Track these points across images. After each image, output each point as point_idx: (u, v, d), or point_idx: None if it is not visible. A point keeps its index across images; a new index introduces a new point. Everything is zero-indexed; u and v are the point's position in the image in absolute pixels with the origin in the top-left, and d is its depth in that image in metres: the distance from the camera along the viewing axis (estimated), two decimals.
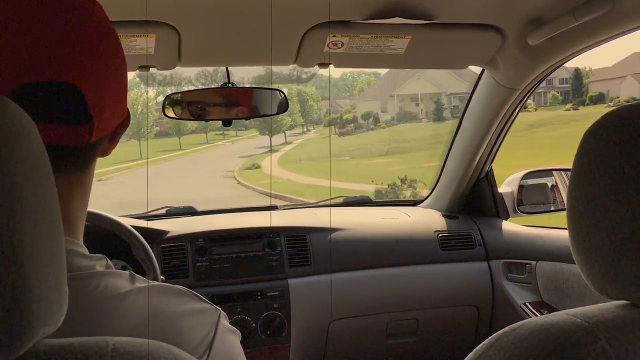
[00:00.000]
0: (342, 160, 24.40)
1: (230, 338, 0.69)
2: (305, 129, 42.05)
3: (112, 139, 0.70)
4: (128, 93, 0.70)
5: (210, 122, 1.86)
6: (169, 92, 1.66)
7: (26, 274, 0.43)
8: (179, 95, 1.72)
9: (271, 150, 33.53)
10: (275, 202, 2.42)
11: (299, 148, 33.88)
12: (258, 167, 25.26)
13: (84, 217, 0.69)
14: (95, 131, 0.62)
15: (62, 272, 0.48)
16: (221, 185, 18.72)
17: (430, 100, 38.82)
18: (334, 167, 21.34)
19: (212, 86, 1.76)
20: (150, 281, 0.67)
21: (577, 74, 38.05)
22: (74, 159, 0.63)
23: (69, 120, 0.60)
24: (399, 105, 39.98)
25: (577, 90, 38.34)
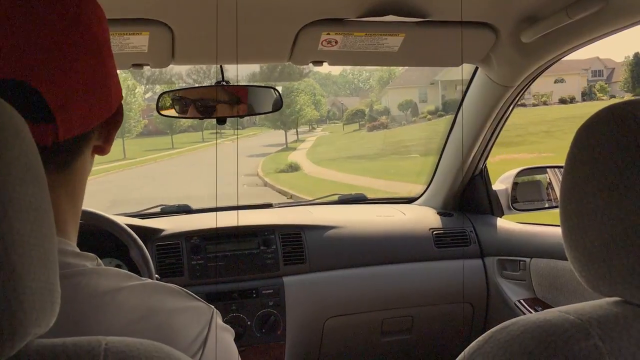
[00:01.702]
0: (411, 158, 20.84)
1: (224, 336, 0.69)
2: (310, 127, 40.25)
3: (106, 137, 0.69)
4: None
5: (205, 120, 1.84)
6: (157, 88, 1.65)
7: (18, 275, 0.43)
8: (173, 93, 1.72)
9: (287, 146, 31.66)
10: None
11: (328, 145, 30.32)
12: (297, 168, 20.39)
13: (76, 217, 0.68)
14: (63, 130, 0.60)
15: (55, 272, 0.48)
16: (256, 196, 13.31)
17: None
18: (410, 166, 18.13)
19: (205, 83, 1.76)
20: (143, 278, 0.67)
21: (639, 61, 35.11)
22: (51, 159, 0.61)
23: (27, 119, 0.56)
24: (442, 93, 35.01)
25: (639, 79, 34.72)
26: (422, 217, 2.28)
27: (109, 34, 0.69)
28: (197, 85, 1.80)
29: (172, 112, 1.72)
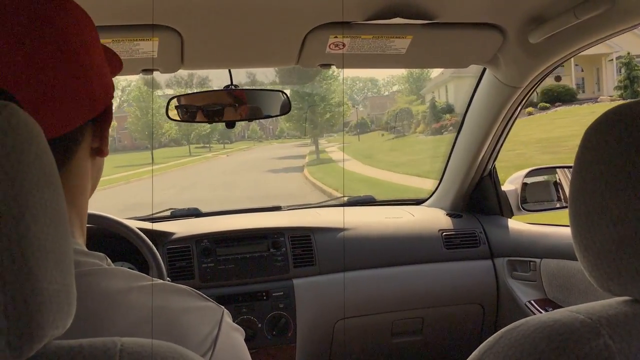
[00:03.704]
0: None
1: (234, 335, 0.69)
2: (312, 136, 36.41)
3: (100, 138, 0.69)
4: None
5: (192, 132, 1.85)
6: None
7: (35, 277, 0.44)
8: (182, 97, 1.73)
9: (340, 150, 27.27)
10: None
11: (400, 153, 22.58)
12: None
13: (80, 216, 0.69)
14: (44, 131, 0.58)
15: (71, 274, 0.49)
16: None
17: (593, 66, 25.77)
18: None
19: (188, 91, 1.77)
20: (153, 279, 0.67)
21: None
22: None
23: None
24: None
25: None
26: (431, 219, 2.28)
27: (95, 36, 0.68)
28: (205, 90, 1.80)
29: (180, 116, 1.73)
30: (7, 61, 0.58)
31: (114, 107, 0.75)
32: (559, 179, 2.27)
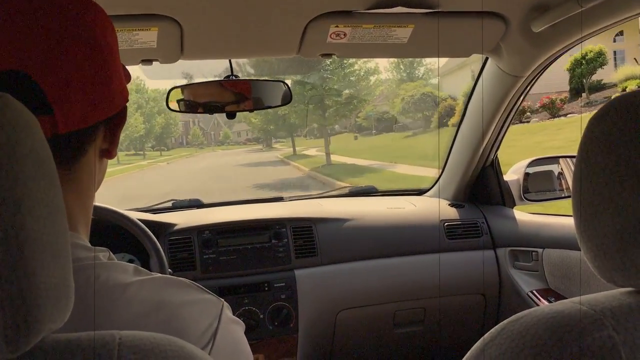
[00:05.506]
0: None
1: (234, 328, 0.69)
2: (266, 141, 32.93)
3: (111, 139, 0.70)
4: None
5: (125, 137, 1.84)
6: None
7: (32, 271, 0.43)
8: (183, 88, 1.73)
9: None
10: None
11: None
12: None
13: (86, 213, 0.69)
14: (62, 122, 0.60)
15: (68, 268, 0.49)
16: None
17: None
18: None
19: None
20: (153, 273, 0.68)
21: None
22: (53, 153, 0.57)
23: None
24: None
25: None
26: (433, 209, 2.27)
27: (116, 41, 0.70)
28: (205, 80, 1.80)
29: (181, 107, 1.72)
30: (34, 49, 0.58)
31: None
32: (562, 169, 2.26)
